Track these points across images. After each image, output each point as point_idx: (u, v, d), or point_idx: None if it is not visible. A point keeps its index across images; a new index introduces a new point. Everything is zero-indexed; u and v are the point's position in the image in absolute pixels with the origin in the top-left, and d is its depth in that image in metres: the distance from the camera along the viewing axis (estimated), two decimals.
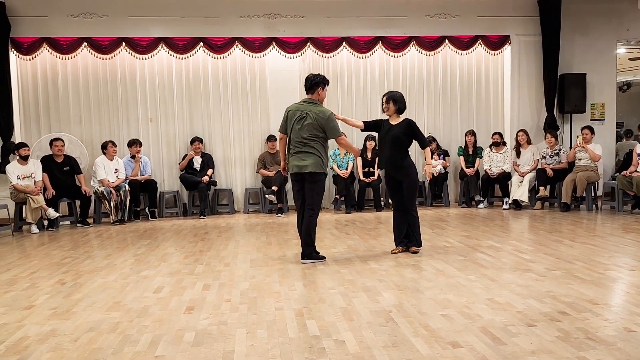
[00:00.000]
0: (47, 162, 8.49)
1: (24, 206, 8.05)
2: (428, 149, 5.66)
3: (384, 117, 5.70)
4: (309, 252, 5.34)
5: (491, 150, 9.56)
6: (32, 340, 3.31)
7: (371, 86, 10.11)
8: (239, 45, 9.64)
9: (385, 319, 3.51)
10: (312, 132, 5.27)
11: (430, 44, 9.97)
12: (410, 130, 5.53)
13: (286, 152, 5.48)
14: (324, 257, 5.42)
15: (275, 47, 9.69)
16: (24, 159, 8.17)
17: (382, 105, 5.66)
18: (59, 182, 8.46)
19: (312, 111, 5.29)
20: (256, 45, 9.65)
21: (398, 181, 5.59)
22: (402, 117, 5.62)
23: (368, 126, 5.74)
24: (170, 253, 6.04)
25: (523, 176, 9.19)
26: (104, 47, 9.37)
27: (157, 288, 4.48)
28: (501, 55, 10.28)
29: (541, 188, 9.03)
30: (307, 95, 5.45)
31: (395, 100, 5.55)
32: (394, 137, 5.52)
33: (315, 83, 5.39)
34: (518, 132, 9.52)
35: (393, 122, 5.59)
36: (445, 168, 9.73)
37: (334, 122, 5.33)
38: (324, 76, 5.48)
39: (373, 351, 2.97)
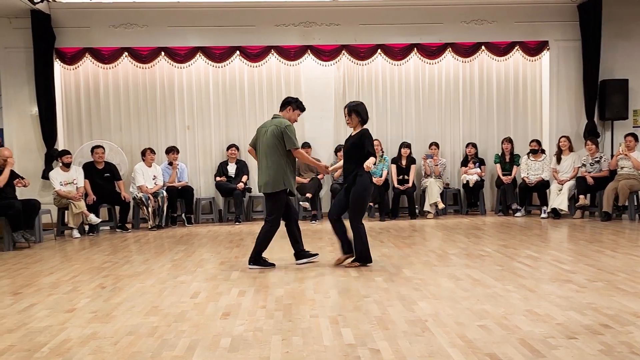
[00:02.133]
0: (89, 169, 8.73)
1: (66, 211, 8.29)
2: (372, 159, 5.20)
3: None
4: (257, 258, 5.53)
5: (529, 158, 9.38)
6: (74, 342, 3.41)
7: (406, 93, 10.06)
8: (275, 54, 9.73)
9: (421, 329, 3.48)
10: (271, 145, 5.42)
11: (466, 50, 9.87)
12: (360, 140, 5.32)
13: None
14: (273, 264, 5.57)
15: (311, 55, 9.74)
16: (67, 165, 8.42)
17: (345, 117, 5.54)
18: (99, 189, 8.68)
19: (272, 124, 5.48)
20: (291, 53, 9.73)
21: (347, 191, 5.41)
22: (365, 127, 5.48)
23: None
24: (207, 259, 6.13)
25: (562, 184, 8.98)
26: (143, 56, 9.60)
27: (194, 293, 4.55)
28: (539, 62, 10.08)
29: (581, 197, 8.80)
30: (279, 111, 5.65)
31: (358, 112, 5.43)
32: (348, 147, 5.46)
33: (287, 102, 5.62)
34: (560, 137, 9.30)
35: (353, 133, 5.51)
36: (481, 177, 9.58)
37: (291, 134, 5.43)
38: (300, 101, 5.66)
39: None
